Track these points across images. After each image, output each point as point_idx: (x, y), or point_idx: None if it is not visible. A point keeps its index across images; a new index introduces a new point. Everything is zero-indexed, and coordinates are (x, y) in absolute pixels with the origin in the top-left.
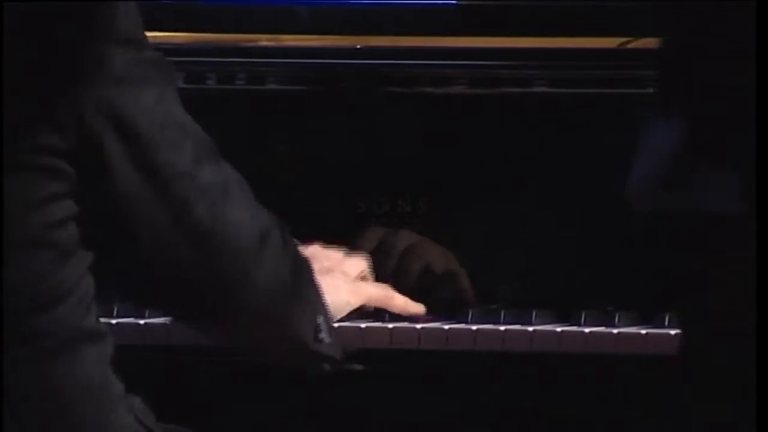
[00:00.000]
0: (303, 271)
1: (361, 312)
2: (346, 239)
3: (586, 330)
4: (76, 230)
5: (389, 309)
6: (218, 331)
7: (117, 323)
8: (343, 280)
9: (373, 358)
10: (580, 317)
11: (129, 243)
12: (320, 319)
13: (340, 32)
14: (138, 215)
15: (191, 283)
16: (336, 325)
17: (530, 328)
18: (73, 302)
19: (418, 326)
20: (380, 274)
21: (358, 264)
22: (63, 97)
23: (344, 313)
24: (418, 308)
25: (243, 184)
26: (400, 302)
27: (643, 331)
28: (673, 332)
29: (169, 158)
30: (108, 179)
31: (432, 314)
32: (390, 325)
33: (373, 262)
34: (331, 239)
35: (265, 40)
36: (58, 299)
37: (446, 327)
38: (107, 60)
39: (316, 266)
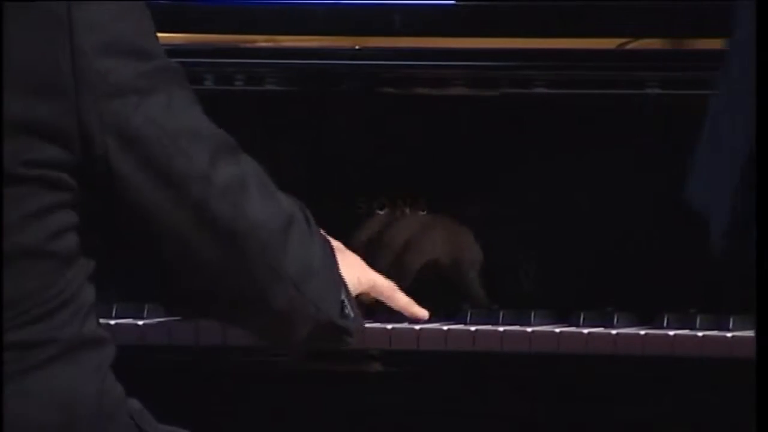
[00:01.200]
0: (326, 250)
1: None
2: (345, 240)
3: (585, 331)
4: (75, 239)
5: (391, 303)
6: (252, 325)
7: (116, 324)
8: (353, 257)
9: (372, 358)
10: (579, 318)
11: (154, 252)
12: (344, 295)
13: (338, 33)
14: (158, 223)
15: (223, 284)
16: None
17: (529, 329)
18: (72, 310)
19: (417, 327)
20: (378, 266)
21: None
22: (63, 111)
23: (355, 293)
24: (421, 312)
25: (261, 175)
26: (404, 300)
27: (642, 332)
28: (672, 333)
29: (181, 165)
30: (120, 190)
31: (430, 315)
32: (389, 326)
33: (368, 264)
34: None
35: (263, 41)
36: (58, 308)
37: (445, 328)
38: (105, 74)
39: None
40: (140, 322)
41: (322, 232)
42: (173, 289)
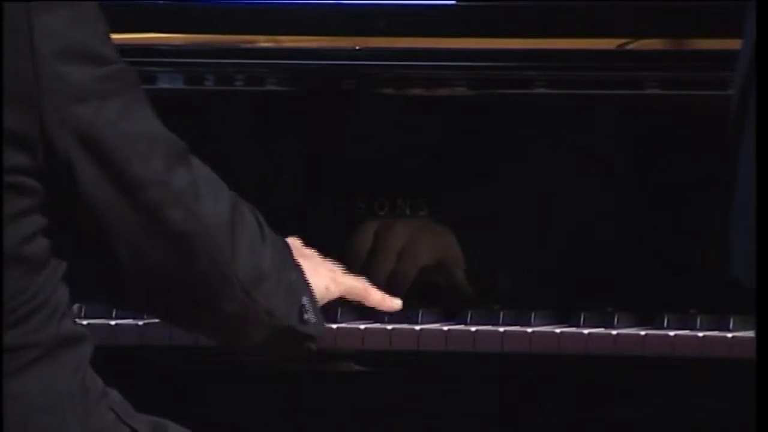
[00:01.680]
0: (283, 255)
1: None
2: (345, 240)
3: (585, 331)
4: (46, 242)
5: (366, 303)
6: (206, 328)
7: (116, 324)
8: (323, 266)
9: (373, 358)
10: (579, 318)
11: (110, 253)
12: (304, 300)
13: (338, 33)
14: (114, 226)
15: (174, 288)
16: (335, 326)
17: (529, 330)
18: (47, 313)
19: (417, 327)
20: (375, 275)
21: (334, 266)
22: (28, 118)
23: (323, 300)
24: (394, 303)
25: (211, 178)
26: (377, 297)
27: (642, 332)
28: (672, 333)
29: (140, 169)
30: (82, 193)
31: (431, 315)
32: (389, 326)
33: (368, 264)
34: (331, 239)
35: (264, 41)
36: (32, 312)
37: (445, 328)
38: (65, 79)
39: (296, 253)
40: (140, 322)
41: (298, 240)
42: (127, 292)
